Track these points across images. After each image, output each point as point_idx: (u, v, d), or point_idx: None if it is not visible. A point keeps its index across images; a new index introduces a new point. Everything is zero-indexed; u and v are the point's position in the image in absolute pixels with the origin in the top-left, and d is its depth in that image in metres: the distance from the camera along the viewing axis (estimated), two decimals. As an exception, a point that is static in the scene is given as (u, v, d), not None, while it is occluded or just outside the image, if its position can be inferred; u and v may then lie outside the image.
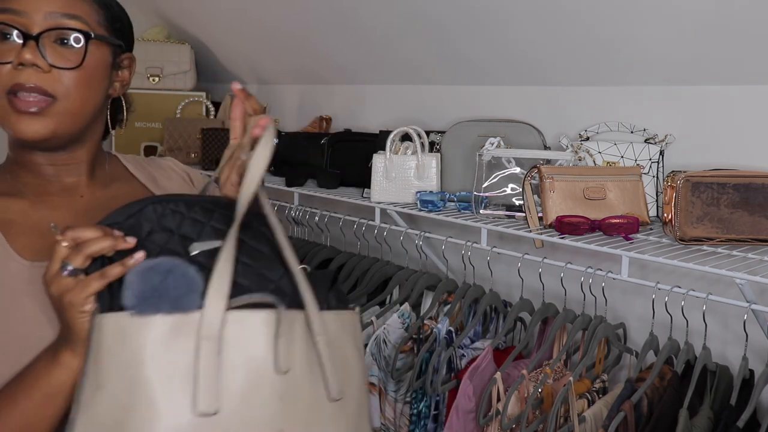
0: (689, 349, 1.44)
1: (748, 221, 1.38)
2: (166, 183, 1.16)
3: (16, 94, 0.93)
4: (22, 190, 1.01)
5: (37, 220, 0.99)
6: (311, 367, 0.81)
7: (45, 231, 0.97)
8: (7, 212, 0.98)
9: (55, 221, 0.98)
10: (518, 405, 1.46)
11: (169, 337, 0.74)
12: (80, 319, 0.80)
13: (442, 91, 2.18)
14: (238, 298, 0.78)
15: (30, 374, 0.85)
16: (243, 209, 0.81)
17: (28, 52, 0.93)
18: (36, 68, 0.93)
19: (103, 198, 1.06)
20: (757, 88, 1.54)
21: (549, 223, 1.55)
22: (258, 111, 0.99)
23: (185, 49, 2.86)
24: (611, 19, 1.62)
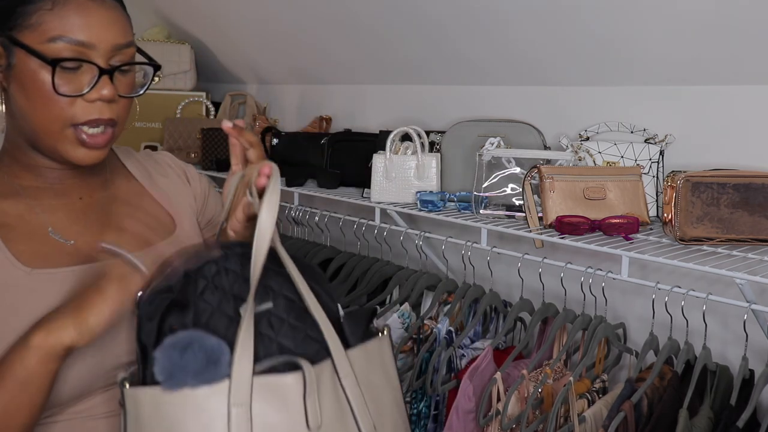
0: (689, 349, 1.44)
1: (748, 221, 1.38)
2: (161, 180, 1.15)
3: (83, 128, 0.94)
4: (19, 192, 1.00)
5: (36, 225, 0.98)
6: (342, 412, 0.83)
7: (43, 236, 0.97)
8: (5, 216, 0.96)
9: (53, 225, 0.98)
10: (518, 405, 1.46)
11: (202, 407, 0.76)
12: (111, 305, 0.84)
13: (442, 91, 2.18)
14: (264, 362, 0.80)
15: (2, 363, 0.85)
16: (257, 270, 0.81)
17: (106, 87, 0.94)
18: (106, 101, 0.95)
19: (102, 200, 1.06)
20: (757, 88, 1.54)
21: (549, 223, 1.55)
22: (254, 143, 0.98)
23: (185, 49, 2.86)
24: (611, 19, 1.62)
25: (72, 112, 0.93)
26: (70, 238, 0.99)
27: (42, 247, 0.96)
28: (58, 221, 0.99)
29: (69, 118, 0.93)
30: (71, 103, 0.93)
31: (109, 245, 0.92)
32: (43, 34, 0.91)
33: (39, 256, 0.95)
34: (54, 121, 0.94)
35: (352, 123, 2.46)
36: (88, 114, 0.94)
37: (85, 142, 0.95)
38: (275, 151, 2.39)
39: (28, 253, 0.94)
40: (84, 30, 0.92)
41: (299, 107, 2.72)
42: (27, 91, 0.93)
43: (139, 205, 1.10)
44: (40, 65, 0.92)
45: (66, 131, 0.94)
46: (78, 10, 0.92)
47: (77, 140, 0.95)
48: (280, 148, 2.38)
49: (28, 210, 0.98)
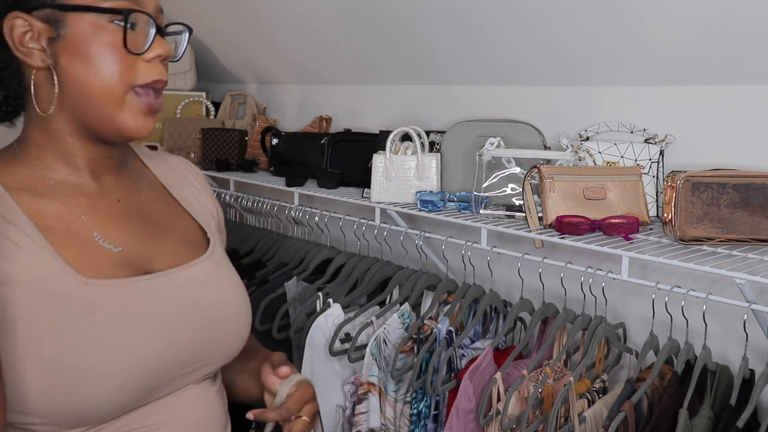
0: (689, 349, 1.44)
1: (748, 221, 1.38)
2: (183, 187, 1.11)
3: (149, 92, 0.92)
4: (54, 189, 0.93)
5: (79, 228, 0.92)
6: None
7: (88, 240, 0.92)
8: (44, 217, 0.90)
9: (97, 228, 0.94)
10: (518, 405, 1.46)
11: None
12: None
13: (442, 91, 2.18)
14: None
15: None
16: None
17: (162, 45, 0.92)
18: (162, 61, 0.93)
19: (138, 204, 1.02)
20: (757, 88, 1.54)
21: (549, 223, 1.55)
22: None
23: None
24: (611, 20, 1.62)
25: (134, 74, 0.90)
26: (118, 245, 0.94)
27: (90, 253, 0.91)
28: (102, 225, 0.94)
29: (131, 80, 0.90)
30: (132, 63, 0.90)
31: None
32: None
33: (90, 264, 0.89)
34: (118, 84, 0.90)
35: (352, 123, 2.46)
36: (151, 74, 0.91)
37: (151, 107, 0.92)
38: (275, 151, 2.39)
39: (78, 259, 0.88)
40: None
41: (299, 107, 2.72)
42: (85, 57, 0.88)
43: (172, 215, 1.06)
44: (99, 26, 0.88)
45: (128, 96, 0.91)
46: None
47: (140, 106, 0.92)
48: (280, 148, 2.38)
49: (68, 211, 0.93)
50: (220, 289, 1.02)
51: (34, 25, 0.88)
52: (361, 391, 1.68)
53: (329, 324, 1.77)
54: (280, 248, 2.21)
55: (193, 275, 0.99)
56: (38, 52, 0.89)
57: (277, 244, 2.23)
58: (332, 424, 1.75)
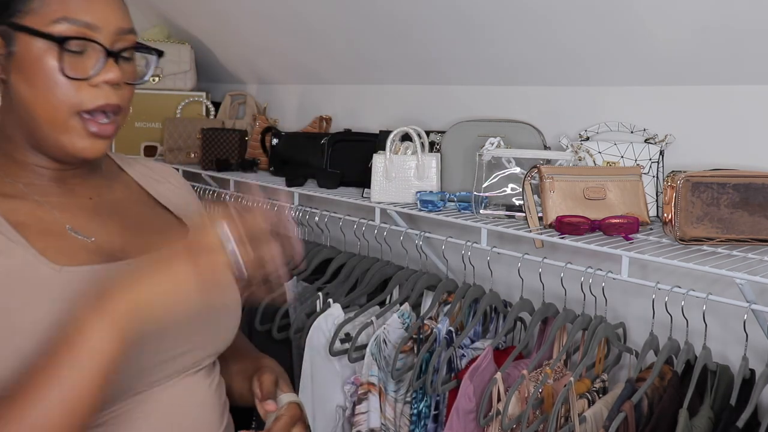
0: (689, 349, 1.45)
1: (748, 221, 1.38)
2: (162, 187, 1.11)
3: (93, 115, 0.91)
4: (24, 192, 0.94)
5: (51, 222, 0.93)
6: None
7: (62, 233, 0.92)
8: (17, 214, 0.90)
9: (70, 223, 0.94)
10: (519, 405, 1.46)
11: None
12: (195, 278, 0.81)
13: (442, 91, 2.18)
14: None
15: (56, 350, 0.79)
16: None
17: (112, 70, 0.90)
18: (113, 86, 0.91)
19: (111, 201, 1.02)
20: (757, 88, 1.54)
21: (549, 223, 1.55)
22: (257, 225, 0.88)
23: (185, 49, 2.86)
24: (611, 20, 1.62)
25: (79, 98, 0.90)
26: (90, 236, 0.94)
27: (64, 244, 0.91)
28: (74, 218, 0.95)
29: (75, 105, 0.90)
30: (78, 88, 0.90)
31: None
32: (46, 17, 0.88)
33: (64, 253, 0.90)
34: (59, 108, 0.90)
35: (352, 123, 2.46)
36: (95, 99, 0.90)
37: (93, 132, 0.91)
38: (275, 151, 2.40)
39: (52, 250, 0.89)
40: (88, 12, 0.90)
41: (299, 107, 2.72)
42: (30, 78, 0.89)
43: (150, 210, 1.06)
44: (44, 49, 0.88)
45: (72, 120, 0.90)
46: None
47: (84, 130, 0.91)
48: (280, 148, 2.39)
49: (39, 207, 0.93)
50: None
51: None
52: (361, 391, 1.68)
53: (329, 324, 1.77)
54: (280, 248, 2.20)
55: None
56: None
57: (277, 244, 2.22)
58: (332, 424, 1.75)
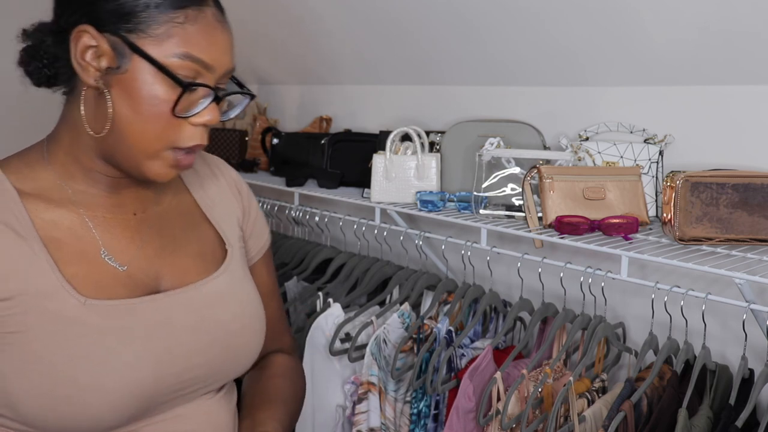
0: (688, 348, 1.45)
1: (747, 221, 1.38)
2: (212, 188, 1.09)
3: (181, 152, 0.91)
4: (72, 199, 0.93)
5: (88, 243, 0.92)
6: None
7: (95, 257, 0.92)
8: (54, 229, 0.90)
9: (106, 246, 0.93)
10: (518, 404, 1.47)
11: None
12: None
13: (442, 91, 2.18)
14: None
15: None
16: None
17: (214, 113, 0.90)
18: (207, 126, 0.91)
19: (155, 216, 1.00)
20: (756, 88, 1.55)
21: (549, 223, 1.55)
22: None
23: (185, 50, 2.86)
24: (611, 20, 1.63)
25: (177, 136, 0.89)
26: (124, 263, 0.94)
27: (94, 271, 0.91)
28: (112, 239, 0.94)
29: (173, 141, 0.89)
30: (179, 125, 0.89)
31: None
32: (167, 49, 0.86)
33: (92, 282, 0.89)
34: (157, 140, 0.88)
35: (352, 123, 2.46)
36: (192, 139, 0.90)
37: (180, 165, 0.91)
38: (276, 151, 2.40)
39: (81, 277, 0.89)
40: (210, 51, 0.88)
41: (299, 107, 2.72)
42: (136, 103, 0.87)
43: (192, 225, 1.05)
44: (158, 78, 0.86)
45: (164, 153, 0.90)
46: (207, 29, 0.89)
47: (171, 161, 0.91)
48: (280, 149, 2.39)
49: (81, 224, 0.92)
50: (226, 308, 1.00)
51: (101, 45, 0.87)
52: (361, 390, 1.68)
53: (329, 324, 1.78)
54: (280, 248, 2.21)
55: (197, 295, 0.97)
56: (94, 71, 0.87)
57: (277, 244, 2.23)
58: (332, 423, 1.75)
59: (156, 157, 0.90)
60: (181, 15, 0.86)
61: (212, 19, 0.90)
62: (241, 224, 1.11)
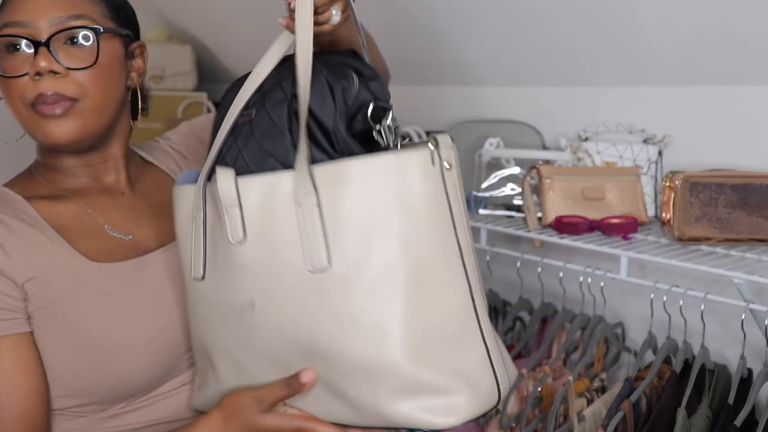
0: (687, 348, 1.45)
1: (747, 221, 1.38)
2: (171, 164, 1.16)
3: (38, 104, 0.93)
4: (65, 195, 1.01)
5: (92, 224, 1.00)
6: (289, 235, 0.81)
7: (102, 233, 1.00)
8: (61, 218, 0.98)
9: (109, 223, 1.01)
10: (518, 404, 1.47)
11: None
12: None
13: (442, 91, 2.18)
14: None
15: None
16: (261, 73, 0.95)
17: (42, 59, 0.91)
18: (53, 74, 0.92)
19: (141, 192, 1.08)
20: (756, 88, 1.55)
21: (548, 223, 1.55)
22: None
23: (186, 50, 2.86)
24: (610, 20, 1.63)
25: (22, 93, 0.93)
26: (128, 234, 1.02)
27: (104, 244, 0.99)
28: (112, 219, 1.02)
29: (22, 99, 0.93)
30: (22, 84, 0.92)
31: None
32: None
33: (103, 252, 0.97)
34: (20, 110, 0.94)
35: (353, 123, 2.46)
36: (32, 89, 0.92)
37: (44, 113, 0.93)
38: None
39: (93, 250, 0.97)
40: (19, 10, 0.92)
41: (300, 107, 2.72)
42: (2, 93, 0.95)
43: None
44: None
45: (28, 112, 0.94)
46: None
47: (38, 116, 0.94)
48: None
49: (81, 211, 1.00)
50: None
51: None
52: (361, 390, 1.68)
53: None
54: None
55: None
56: None
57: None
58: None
59: (28, 119, 0.95)
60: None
61: None
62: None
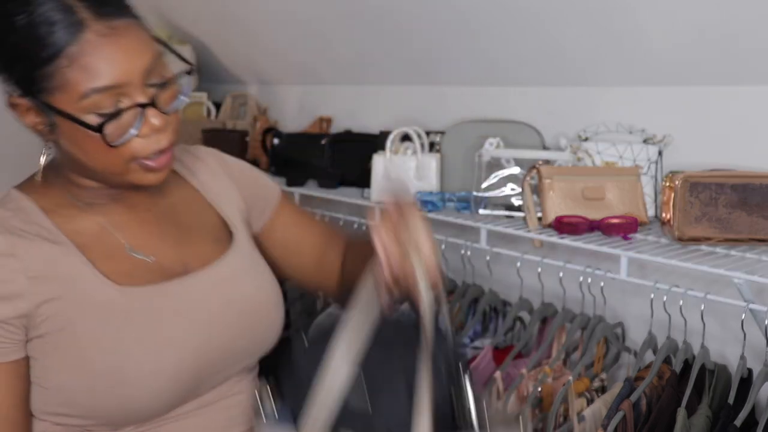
0: (687, 348, 1.45)
1: (746, 221, 1.38)
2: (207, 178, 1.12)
3: (152, 159, 0.91)
4: (86, 211, 0.97)
5: (112, 244, 0.96)
6: None
7: (122, 254, 0.96)
8: (81, 237, 0.94)
9: (130, 242, 0.97)
10: (518, 404, 1.47)
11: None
12: None
13: (442, 92, 2.19)
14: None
15: None
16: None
17: (155, 117, 0.88)
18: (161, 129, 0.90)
19: (166, 209, 1.04)
20: (756, 88, 1.55)
21: (548, 223, 1.55)
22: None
23: (186, 50, 2.86)
24: (610, 20, 1.63)
25: (132, 151, 0.89)
26: (150, 254, 0.98)
27: (125, 265, 0.95)
28: (134, 238, 0.98)
29: (130, 157, 0.89)
30: (134, 144, 0.89)
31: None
32: (73, 94, 0.84)
33: (125, 274, 0.94)
34: (116, 163, 0.89)
35: (352, 123, 2.46)
36: (148, 148, 0.90)
37: (153, 168, 0.92)
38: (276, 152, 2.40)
39: (115, 271, 0.93)
40: (110, 72, 0.85)
41: (299, 108, 2.72)
42: (80, 146, 0.89)
43: (199, 213, 1.08)
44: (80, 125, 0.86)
45: (130, 165, 0.90)
46: (96, 52, 0.84)
47: (144, 169, 0.91)
48: (280, 149, 2.39)
49: (102, 229, 0.97)
50: (248, 282, 1.05)
51: (30, 108, 0.89)
52: (361, 390, 1.68)
53: (329, 323, 1.78)
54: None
55: (221, 272, 1.02)
56: (42, 127, 0.90)
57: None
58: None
59: (128, 171, 0.91)
60: (64, 59, 0.83)
61: (97, 40, 0.84)
62: (242, 197, 1.14)
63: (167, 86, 0.92)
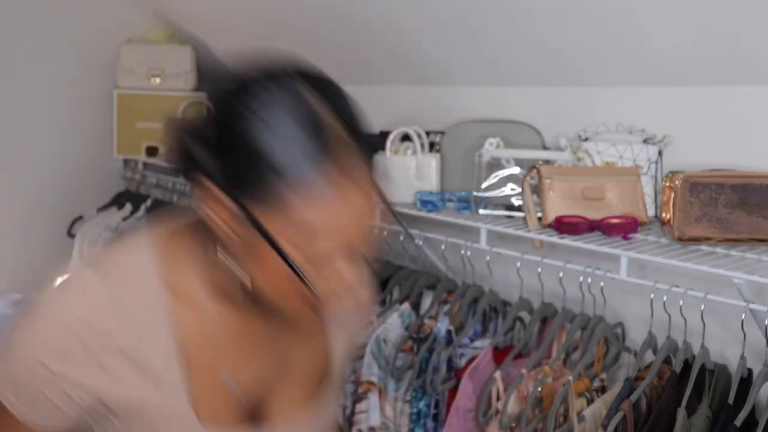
0: (687, 348, 1.45)
1: (746, 221, 1.38)
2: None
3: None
4: (211, 295, 0.86)
5: (214, 357, 0.87)
6: None
7: (215, 378, 0.88)
8: (191, 335, 0.85)
9: (228, 356, 0.88)
10: (518, 404, 1.47)
11: None
12: None
13: (442, 92, 2.18)
14: None
15: None
16: None
17: (353, 273, 0.79)
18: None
19: (277, 323, 0.92)
20: (757, 88, 1.55)
21: (548, 223, 1.55)
22: None
23: (186, 50, 2.86)
24: (610, 20, 1.63)
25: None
26: (239, 383, 0.90)
27: (213, 393, 0.88)
28: (237, 352, 0.89)
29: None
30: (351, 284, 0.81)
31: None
32: (301, 230, 0.75)
33: (211, 408, 0.87)
34: (299, 301, 0.80)
35: (353, 123, 2.46)
36: (338, 299, 0.81)
37: (319, 311, 0.84)
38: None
39: (206, 406, 0.87)
40: (349, 230, 0.77)
41: (300, 108, 2.72)
42: (271, 280, 0.79)
43: (307, 332, 0.98)
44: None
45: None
46: (345, 204, 0.76)
47: (311, 307, 0.82)
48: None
49: (213, 328, 0.87)
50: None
51: (231, 208, 0.78)
52: (361, 390, 1.68)
53: (329, 323, 1.78)
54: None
55: (298, 429, 0.97)
56: (231, 232, 0.79)
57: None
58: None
59: (299, 307, 0.83)
60: (316, 196, 0.75)
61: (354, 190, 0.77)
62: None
63: None
